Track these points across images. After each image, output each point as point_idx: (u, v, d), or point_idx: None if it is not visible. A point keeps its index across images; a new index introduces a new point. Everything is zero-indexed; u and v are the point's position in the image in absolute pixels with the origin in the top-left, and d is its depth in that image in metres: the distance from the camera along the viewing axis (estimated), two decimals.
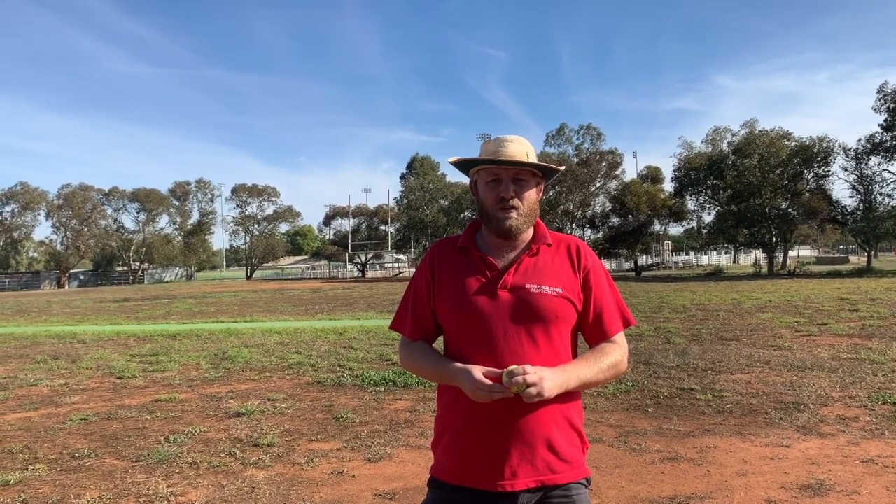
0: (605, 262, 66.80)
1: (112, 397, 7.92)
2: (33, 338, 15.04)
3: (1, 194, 71.82)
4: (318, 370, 9.41)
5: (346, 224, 78.92)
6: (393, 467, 5.01)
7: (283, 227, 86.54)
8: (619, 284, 31.43)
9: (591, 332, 1.89)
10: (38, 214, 73.39)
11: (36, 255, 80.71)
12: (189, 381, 8.79)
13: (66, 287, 68.29)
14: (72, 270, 74.14)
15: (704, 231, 53.24)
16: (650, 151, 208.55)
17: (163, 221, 78.34)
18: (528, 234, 1.90)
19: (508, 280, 1.81)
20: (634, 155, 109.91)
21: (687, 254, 77.57)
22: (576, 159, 57.33)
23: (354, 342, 12.37)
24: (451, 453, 1.83)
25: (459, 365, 1.76)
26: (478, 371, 1.70)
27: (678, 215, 54.97)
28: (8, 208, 72.82)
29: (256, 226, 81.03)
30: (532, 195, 1.87)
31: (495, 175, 1.86)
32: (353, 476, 4.84)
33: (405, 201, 69.64)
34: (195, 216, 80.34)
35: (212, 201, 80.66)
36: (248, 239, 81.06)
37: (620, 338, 1.91)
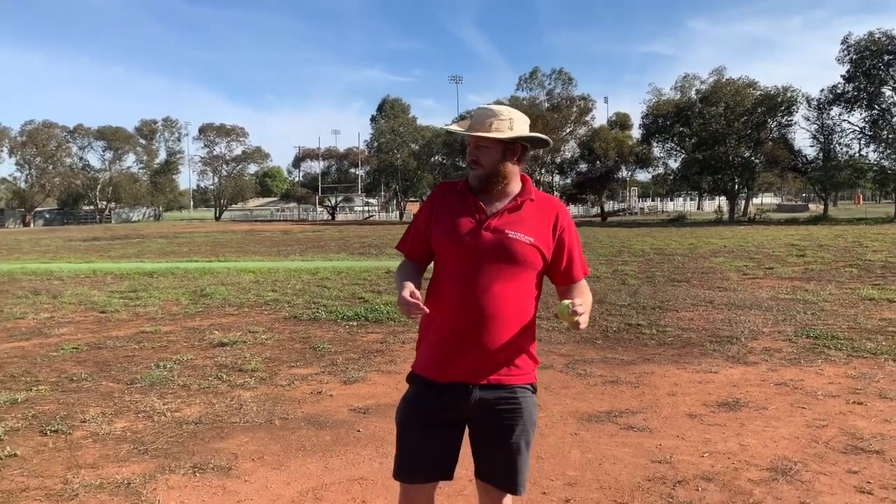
0: (571, 207, 67.79)
1: (98, 329, 8.38)
2: (9, 274, 15.29)
3: None
4: (294, 307, 9.94)
5: (316, 166, 78.53)
6: (366, 388, 5.62)
7: (252, 169, 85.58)
8: (585, 230, 32.30)
9: (561, 277, 2.35)
10: (1, 151, 71.69)
11: None
12: (171, 315, 9.28)
13: (32, 226, 67.31)
14: (37, 209, 72.98)
15: (670, 178, 54.23)
16: (622, 96, 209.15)
17: (129, 160, 77.02)
18: (516, 188, 2.30)
19: (492, 223, 2.22)
20: (606, 100, 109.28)
21: (653, 200, 78.85)
22: (547, 104, 57.50)
23: (327, 282, 12.90)
24: (429, 354, 2.31)
25: (405, 282, 2.22)
26: (407, 290, 2.16)
27: (645, 162, 55.82)
28: None
29: (225, 166, 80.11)
30: (493, 158, 2.25)
31: (468, 140, 2.33)
32: (331, 395, 5.43)
33: (375, 144, 69.34)
34: (162, 155, 79.11)
35: (179, 140, 79.38)
36: (216, 179, 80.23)
37: (583, 283, 2.39)
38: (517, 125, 2.26)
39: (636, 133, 56.64)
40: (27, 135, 70.24)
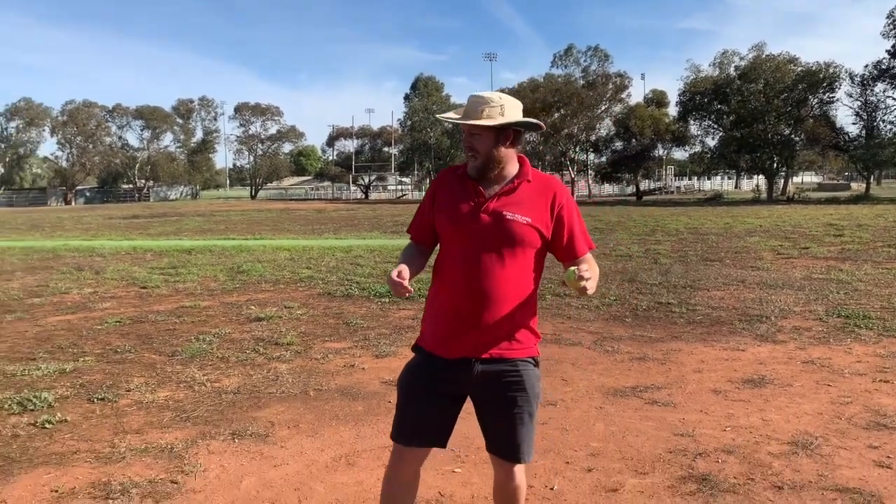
0: (607, 186, 67.22)
1: (140, 304, 8.68)
2: (53, 251, 15.81)
3: (5, 110, 71.75)
4: (328, 283, 10.15)
5: (350, 145, 79.04)
6: (397, 362, 5.77)
7: (287, 148, 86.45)
8: (619, 209, 32.13)
9: (565, 254, 2.41)
10: (43, 131, 73.46)
11: (40, 171, 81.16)
12: (209, 291, 9.56)
13: (73, 204, 69.00)
14: (78, 187, 74.73)
15: (707, 156, 53.38)
16: (659, 73, 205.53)
17: (167, 139, 78.37)
18: (513, 170, 2.36)
19: (490, 206, 2.29)
20: (643, 77, 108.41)
21: (689, 179, 77.70)
22: (582, 82, 56.89)
23: (360, 259, 13.10)
24: (432, 331, 2.41)
25: (400, 264, 2.34)
26: (395, 271, 2.28)
27: (681, 140, 54.99)
28: (13, 124, 72.84)
29: (260, 145, 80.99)
30: (487, 145, 2.31)
31: (463, 129, 2.41)
32: (363, 368, 5.60)
33: (409, 123, 69.43)
34: (199, 134, 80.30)
35: (215, 119, 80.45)
36: (251, 158, 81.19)
37: (589, 256, 2.44)
38: (508, 111, 2.31)
39: (673, 110, 55.79)
40: (68, 114, 71.83)
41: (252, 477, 3.54)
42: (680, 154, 64.27)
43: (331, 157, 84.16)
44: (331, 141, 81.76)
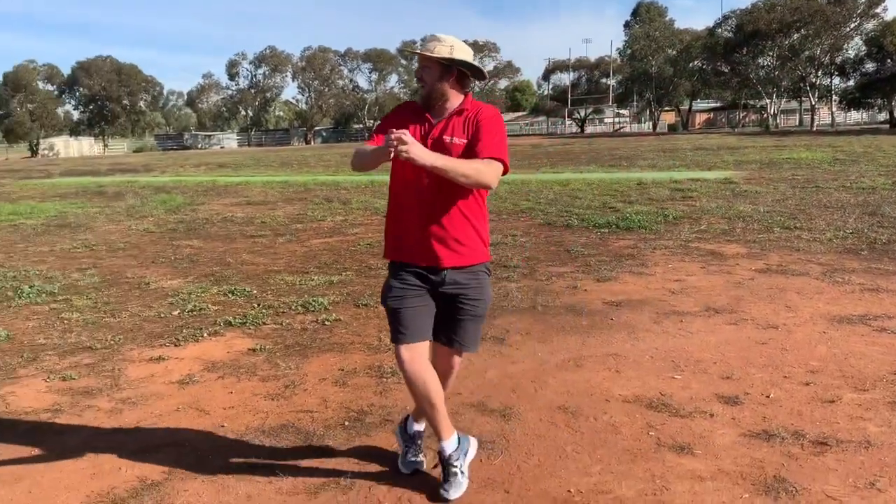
0: (853, 113, 60.17)
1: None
2: (304, 185, 17.88)
3: (254, 58, 79.82)
4: (548, 214, 10.64)
5: (566, 78, 77.75)
6: (618, 286, 6.14)
7: (503, 84, 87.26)
8: (866, 138, 28.94)
9: (468, 156, 2.63)
10: (286, 76, 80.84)
11: (281, 113, 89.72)
12: None
13: (312, 143, 75.78)
14: (316, 128, 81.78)
15: None
16: None
17: (392, 80, 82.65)
18: (456, 104, 2.74)
19: (435, 132, 2.70)
20: None
21: None
22: None
23: (578, 192, 13.41)
24: (394, 246, 2.82)
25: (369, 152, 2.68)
26: (369, 145, 2.67)
27: None
28: (260, 71, 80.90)
29: (477, 82, 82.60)
30: (432, 77, 2.69)
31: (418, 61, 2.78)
32: (585, 290, 6.04)
33: (628, 52, 66.72)
34: None
35: None
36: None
37: (488, 161, 2.60)
38: (457, 52, 2.68)
39: None
40: (306, 60, 78.20)
41: (494, 370, 4.17)
42: None
43: (546, 92, 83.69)
44: (546, 75, 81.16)
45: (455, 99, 2.77)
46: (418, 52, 2.73)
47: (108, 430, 3.57)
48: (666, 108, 69.47)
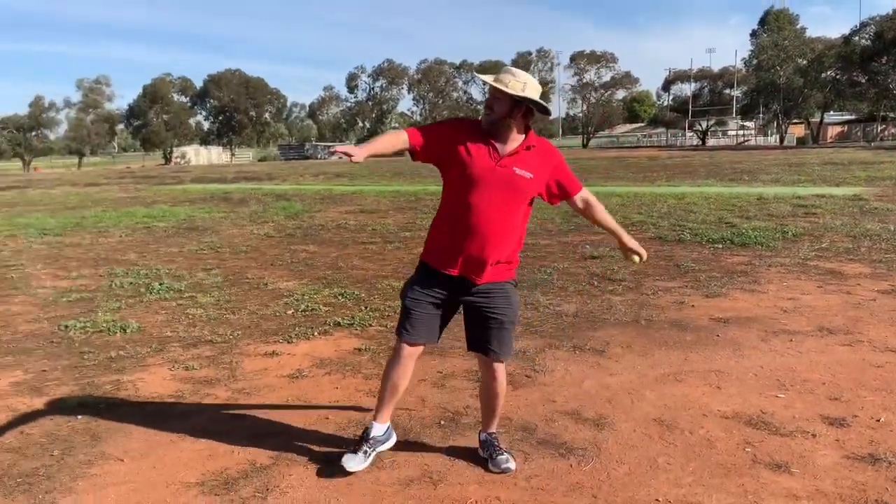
0: None
1: None
2: (415, 195, 18.31)
3: (372, 71, 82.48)
4: (659, 228, 10.41)
5: (687, 89, 75.43)
6: (727, 303, 5.96)
7: (620, 94, 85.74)
8: None
9: (562, 195, 3.03)
10: (402, 88, 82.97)
11: (397, 125, 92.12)
12: (546, 231, 10.49)
13: None
14: None
15: None
16: None
17: None
18: (521, 137, 2.86)
19: (506, 162, 2.82)
20: None
21: None
22: None
23: (693, 206, 13.02)
24: (438, 256, 2.93)
25: (368, 142, 2.87)
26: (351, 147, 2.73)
27: None
28: (378, 84, 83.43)
29: (593, 93, 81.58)
30: (502, 110, 2.80)
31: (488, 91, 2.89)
32: (692, 306, 5.90)
33: (755, 62, 63.85)
34: None
35: (551, 70, 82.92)
36: (584, 107, 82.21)
37: (585, 194, 3.10)
38: (528, 90, 2.78)
39: None
40: (422, 73, 79.99)
41: (591, 380, 4.17)
42: None
43: (665, 102, 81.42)
44: (666, 85, 78.96)
45: (519, 131, 2.90)
46: (491, 83, 2.84)
47: (224, 417, 3.86)
48: (794, 121, 65.95)
